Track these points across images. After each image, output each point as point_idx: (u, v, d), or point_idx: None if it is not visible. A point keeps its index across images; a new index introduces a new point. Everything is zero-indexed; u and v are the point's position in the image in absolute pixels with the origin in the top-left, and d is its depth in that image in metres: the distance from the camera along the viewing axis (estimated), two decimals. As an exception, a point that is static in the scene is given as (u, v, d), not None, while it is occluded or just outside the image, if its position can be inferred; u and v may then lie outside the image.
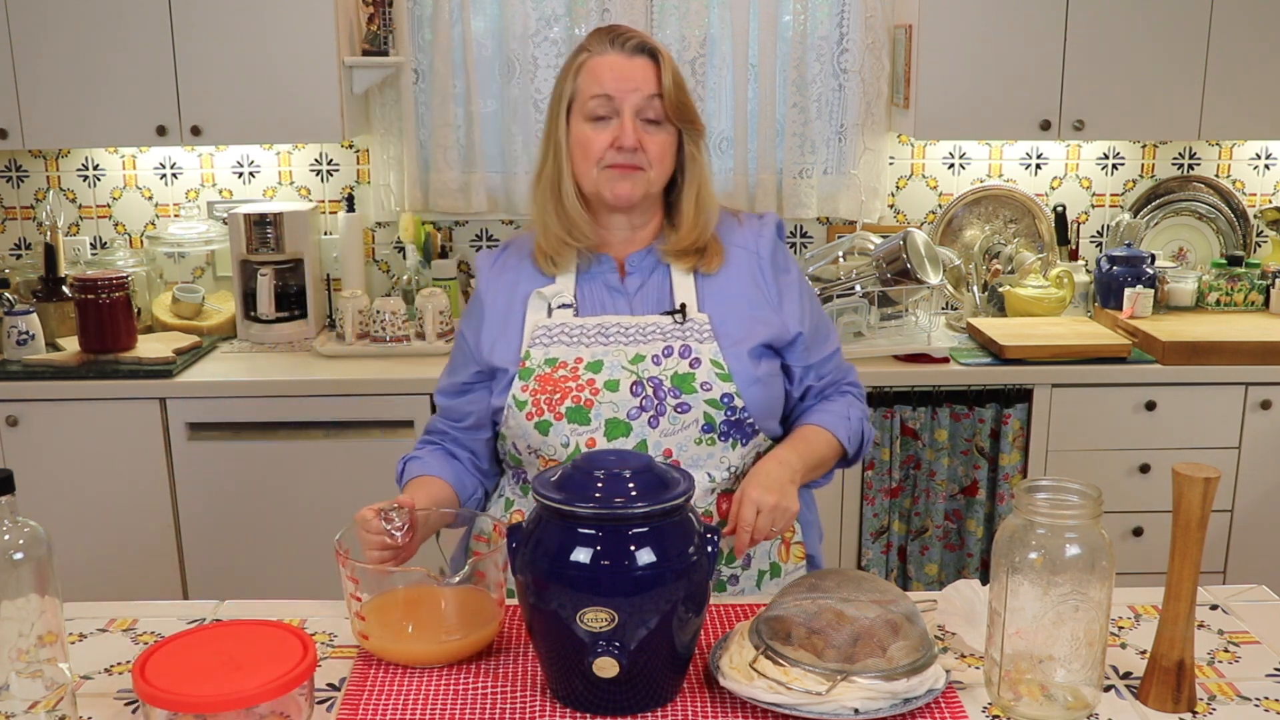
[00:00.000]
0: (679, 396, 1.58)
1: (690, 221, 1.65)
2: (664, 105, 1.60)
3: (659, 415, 1.58)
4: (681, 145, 1.65)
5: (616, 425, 1.58)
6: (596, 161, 1.60)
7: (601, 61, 1.60)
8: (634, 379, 1.59)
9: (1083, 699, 1.26)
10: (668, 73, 1.60)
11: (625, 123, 1.58)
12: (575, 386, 1.58)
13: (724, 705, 1.28)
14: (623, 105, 1.59)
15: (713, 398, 1.59)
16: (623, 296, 1.66)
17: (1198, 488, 1.22)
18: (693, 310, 1.63)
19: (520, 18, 3.22)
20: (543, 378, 1.60)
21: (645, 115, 1.60)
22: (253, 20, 2.93)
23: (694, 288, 1.66)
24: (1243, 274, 3.28)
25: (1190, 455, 2.91)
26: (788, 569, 1.71)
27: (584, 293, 1.67)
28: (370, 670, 1.38)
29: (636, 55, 1.60)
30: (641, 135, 1.59)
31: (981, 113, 3.05)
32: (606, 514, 1.22)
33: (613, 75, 1.59)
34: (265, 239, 3.11)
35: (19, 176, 3.37)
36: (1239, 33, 3.00)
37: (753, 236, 1.71)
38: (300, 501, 2.89)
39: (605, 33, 1.63)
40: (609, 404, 1.58)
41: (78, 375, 2.85)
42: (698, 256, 1.66)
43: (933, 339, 2.98)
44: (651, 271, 1.68)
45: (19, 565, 1.17)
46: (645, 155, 1.60)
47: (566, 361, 1.60)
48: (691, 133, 1.65)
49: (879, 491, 2.97)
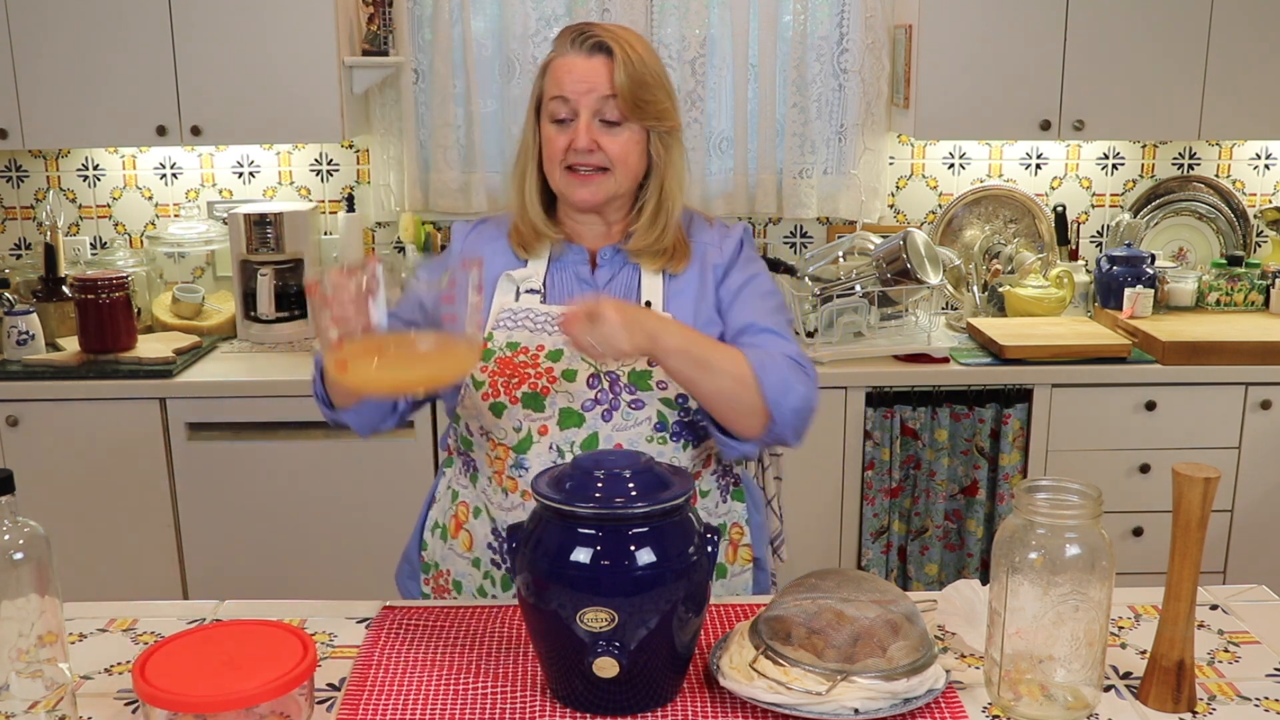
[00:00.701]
0: (634, 393, 1.59)
1: (648, 222, 1.65)
2: (619, 105, 1.58)
3: (613, 410, 1.58)
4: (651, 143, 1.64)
5: (570, 415, 1.58)
6: (559, 163, 1.61)
7: (562, 63, 1.60)
8: (591, 371, 1.59)
9: (1083, 699, 1.26)
10: (621, 71, 1.57)
11: (580, 125, 1.58)
12: (534, 374, 1.59)
13: (724, 705, 1.28)
14: (579, 106, 1.58)
15: (667, 397, 1.59)
16: (591, 288, 1.67)
17: (1198, 488, 1.22)
18: (657, 309, 1.64)
19: (520, 18, 3.22)
20: (503, 360, 1.60)
21: (604, 116, 1.59)
22: (253, 20, 2.93)
23: (661, 288, 1.66)
24: (1243, 274, 3.28)
25: (1190, 455, 2.92)
26: (734, 570, 1.71)
27: (554, 280, 1.67)
28: (370, 670, 1.38)
29: (594, 55, 1.58)
30: (599, 137, 1.59)
31: (981, 113, 3.05)
32: (606, 514, 1.22)
33: (570, 77, 1.59)
34: (265, 239, 3.11)
35: (19, 176, 3.37)
36: (1239, 33, 3.00)
37: (717, 242, 1.71)
38: (300, 501, 2.89)
39: (570, 32, 1.62)
40: (565, 393, 1.58)
41: (78, 375, 2.85)
42: (665, 257, 1.66)
43: (933, 339, 2.98)
44: (622, 267, 1.68)
45: (19, 565, 1.17)
46: (606, 156, 1.59)
47: (528, 348, 1.61)
48: (659, 130, 1.63)
49: (879, 491, 2.97)
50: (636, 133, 1.61)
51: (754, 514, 1.75)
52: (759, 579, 1.75)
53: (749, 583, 1.73)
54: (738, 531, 1.71)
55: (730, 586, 1.70)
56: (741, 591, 1.71)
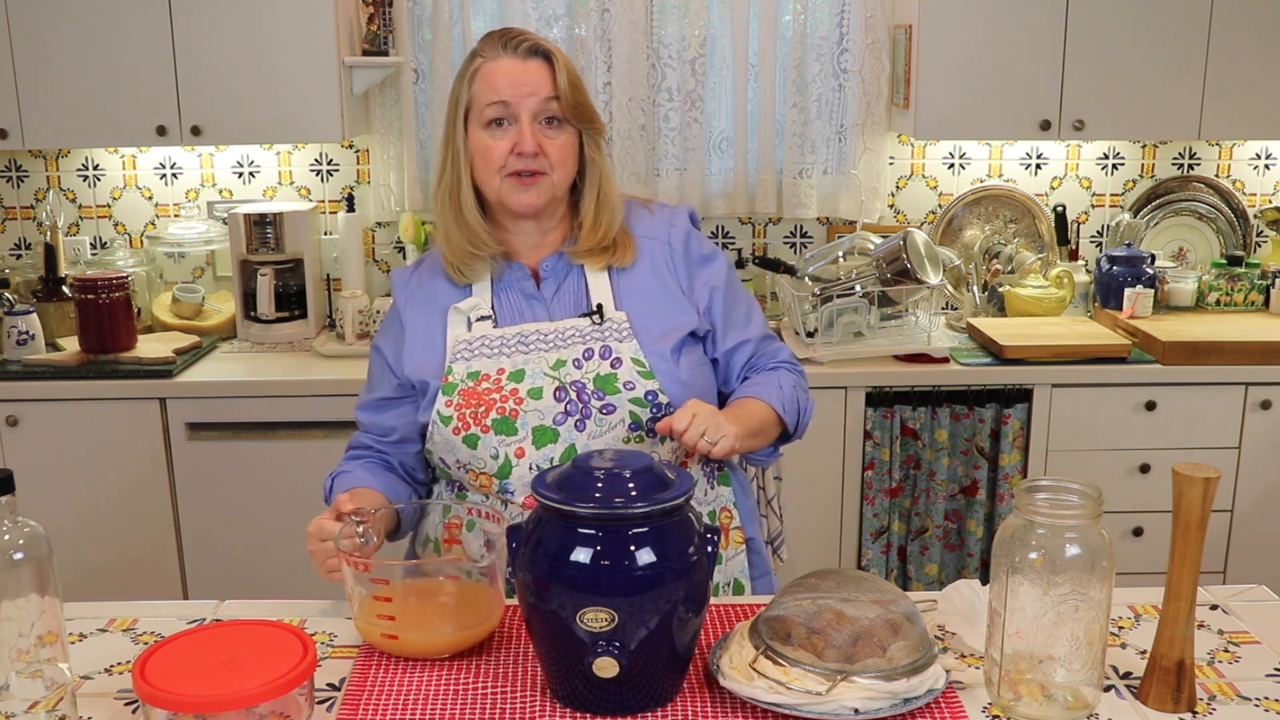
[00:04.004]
0: (603, 398, 1.59)
1: (592, 221, 1.66)
2: (561, 107, 1.59)
3: (585, 419, 1.58)
4: (582, 146, 1.65)
5: (544, 432, 1.58)
6: (498, 169, 1.60)
7: (495, 67, 1.59)
8: (556, 384, 1.59)
9: (1083, 699, 1.26)
10: (563, 74, 1.59)
11: (524, 128, 1.58)
12: (499, 398, 1.59)
13: (724, 705, 1.28)
14: (519, 110, 1.58)
15: (637, 396, 1.59)
16: (540, 303, 1.66)
17: (1198, 488, 1.22)
18: (610, 309, 1.64)
19: (520, 18, 3.22)
20: (466, 391, 1.60)
21: (543, 118, 1.60)
22: (253, 20, 2.93)
23: (609, 286, 1.66)
24: (1243, 274, 3.28)
25: (1190, 455, 2.92)
26: (727, 554, 1.71)
27: (500, 302, 1.67)
28: (370, 670, 1.38)
29: (530, 58, 1.60)
30: (541, 139, 1.59)
31: (981, 113, 3.05)
32: (606, 514, 1.22)
33: (508, 81, 1.58)
34: (265, 239, 3.11)
35: (19, 176, 3.38)
36: (1239, 33, 3.00)
37: (664, 227, 1.71)
38: (300, 501, 2.89)
39: (497, 37, 1.62)
40: (534, 412, 1.58)
41: (78, 375, 2.85)
42: (609, 253, 1.67)
43: (933, 339, 2.98)
44: (566, 274, 1.68)
45: (19, 565, 1.17)
46: (547, 159, 1.60)
47: (489, 374, 1.60)
48: (591, 132, 1.65)
49: (879, 491, 2.97)
50: (572, 136, 1.63)
51: (741, 497, 1.75)
52: (755, 562, 1.75)
53: (744, 564, 1.73)
54: (726, 515, 1.72)
55: (726, 571, 1.70)
56: (738, 574, 1.71)
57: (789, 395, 1.68)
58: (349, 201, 3.30)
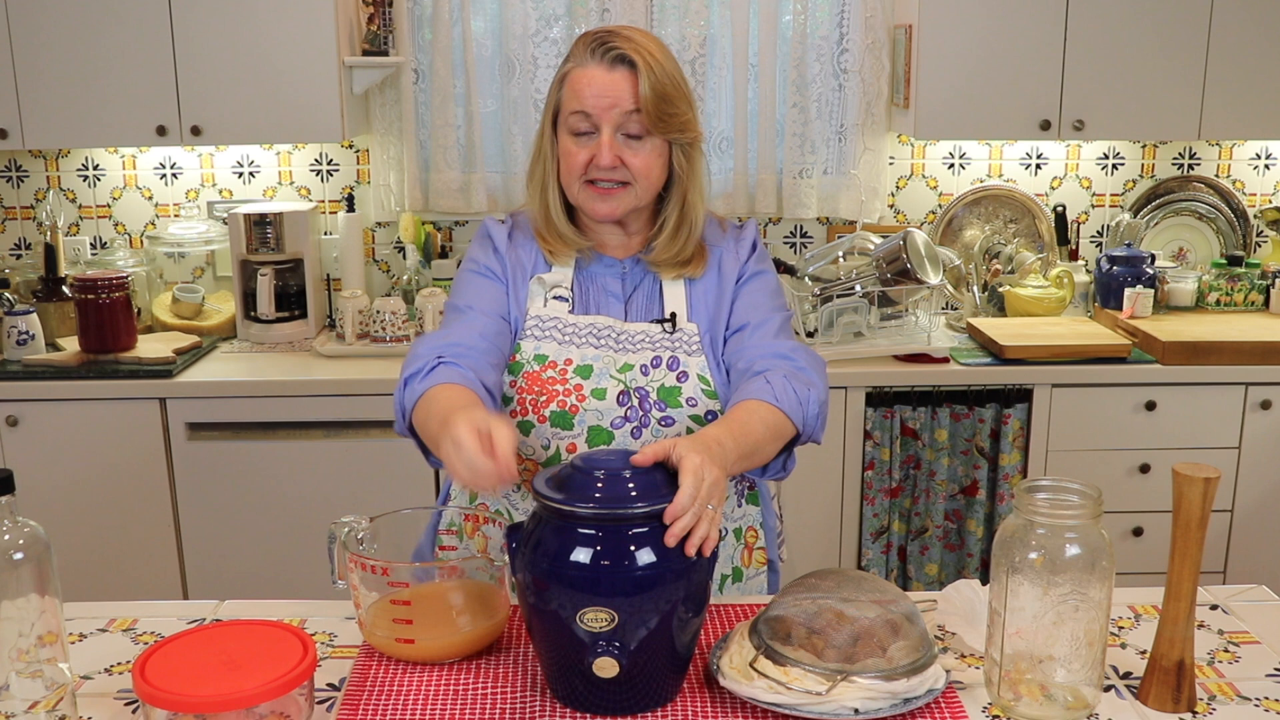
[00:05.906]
0: (664, 410, 1.58)
1: (671, 234, 1.62)
2: (643, 119, 1.54)
3: (643, 427, 1.58)
4: (673, 154, 1.60)
5: (599, 433, 1.57)
6: (579, 176, 1.58)
7: (582, 75, 1.55)
8: (621, 388, 1.58)
9: (1083, 699, 1.26)
10: (646, 84, 1.52)
11: (603, 140, 1.54)
12: (562, 390, 1.57)
13: (724, 705, 1.28)
14: (601, 122, 1.54)
15: (697, 414, 1.58)
16: (618, 301, 1.65)
17: (1198, 488, 1.22)
18: (683, 319, 1.63)
19: (520, 18, 3.22)
20: (530, 375, 1.58)
21: (626, 130, 1.55)
22: (253, 20, 2.93)
23: (684, 296, 1.65)
24: (1243, 274, 3.28)
25: (1190, 455, 2.91)
26: (749, 573, 1.71)
27: (582, 289, 1.65)
28: (370, 670, 1.37)
29: (616, 67, 1.53)
30: (622, 152, 1.55)
31: (981, 113, 3.05)
32: (606, 514, 1.22)
33: (591, 91, 1.54)
34: (265, 239, 3.11)
35: (19, 176, 3.37)
36: (1239, 33, 3.00)
37: (733, 244, 1.70)
38: (300, 501, 2.89)
39: (589, 40, 1.57)
40: (594, 411, 1.57)
41: (78, 375, 2.85)
42: (683, 266, 1.64)
43: (933, 339, 2.98)
44: (643, 278, 1.67)
45: (19, 565, 1.17)
46: (629, 170, 1.56)
47: (556, 361, 1.59)
48: (680, 142, 1.59)
49: (879, 491, 2.97)
50: (659, 145, 1.57)
51: (768, 517, 1.75)
52: (772, 581, 1.75)
53: (763, 585, 1.73)
54: (753, 535, 1.71)
55: (746, 589, 1.70)
56: (756, 594, 1.71)
57: (784, 390, 1.51)
58: (349, 201, 3.30)
